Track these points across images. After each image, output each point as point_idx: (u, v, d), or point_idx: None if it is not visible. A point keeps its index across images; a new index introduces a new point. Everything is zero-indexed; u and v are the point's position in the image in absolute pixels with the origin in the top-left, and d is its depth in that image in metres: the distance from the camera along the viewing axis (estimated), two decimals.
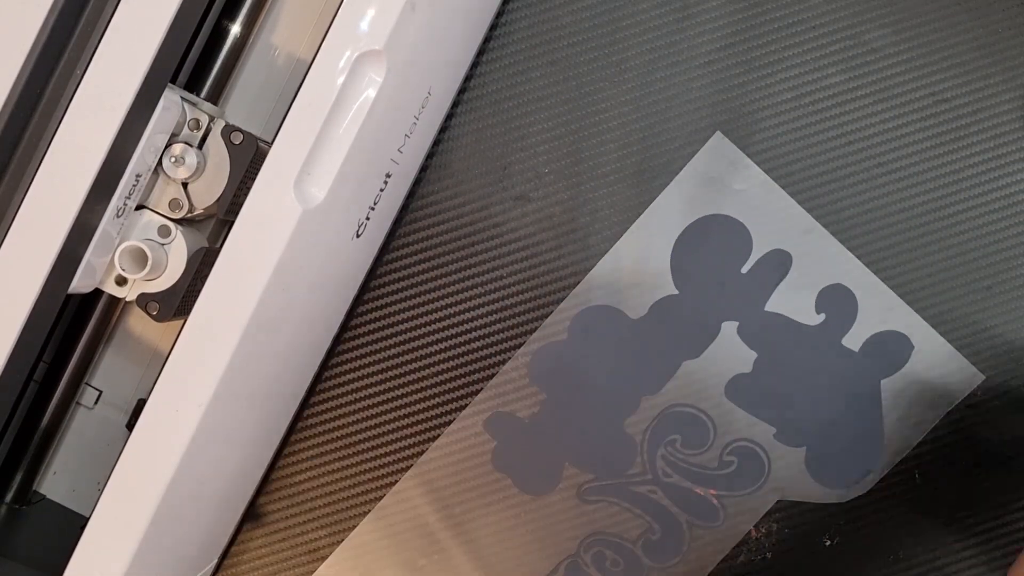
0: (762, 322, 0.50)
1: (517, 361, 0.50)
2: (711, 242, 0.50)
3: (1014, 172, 0.50)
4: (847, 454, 0.50)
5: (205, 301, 0.36)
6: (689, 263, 0.50)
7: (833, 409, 0.50)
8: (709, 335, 0.50)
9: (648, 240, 0.50)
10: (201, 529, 0.44)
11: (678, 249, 0.50)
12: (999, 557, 0.50)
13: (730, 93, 0.50)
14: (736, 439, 0.50)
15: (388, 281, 0.51)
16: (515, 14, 0.51)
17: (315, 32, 0.46)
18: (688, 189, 0.50)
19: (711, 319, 0.50)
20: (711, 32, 0.50)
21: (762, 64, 0.50)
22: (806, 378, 0.50)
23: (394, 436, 0.51)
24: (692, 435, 0.50)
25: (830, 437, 0.50)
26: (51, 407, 0.46)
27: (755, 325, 0.50)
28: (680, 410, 0.50)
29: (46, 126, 0.33)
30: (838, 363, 0.50)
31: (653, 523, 0.51)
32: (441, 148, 0.51)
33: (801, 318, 0.50)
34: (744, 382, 0.50)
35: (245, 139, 0.38)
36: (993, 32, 0.50)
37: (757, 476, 0.50)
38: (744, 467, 0.50)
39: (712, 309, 0.50)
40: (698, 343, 0.50)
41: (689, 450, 0.50)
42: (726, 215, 0.50)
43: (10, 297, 0.33)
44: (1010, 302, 0.50)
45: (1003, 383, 0.50)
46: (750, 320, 0.50)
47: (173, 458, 0.36)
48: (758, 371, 0.50)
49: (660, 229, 0.50)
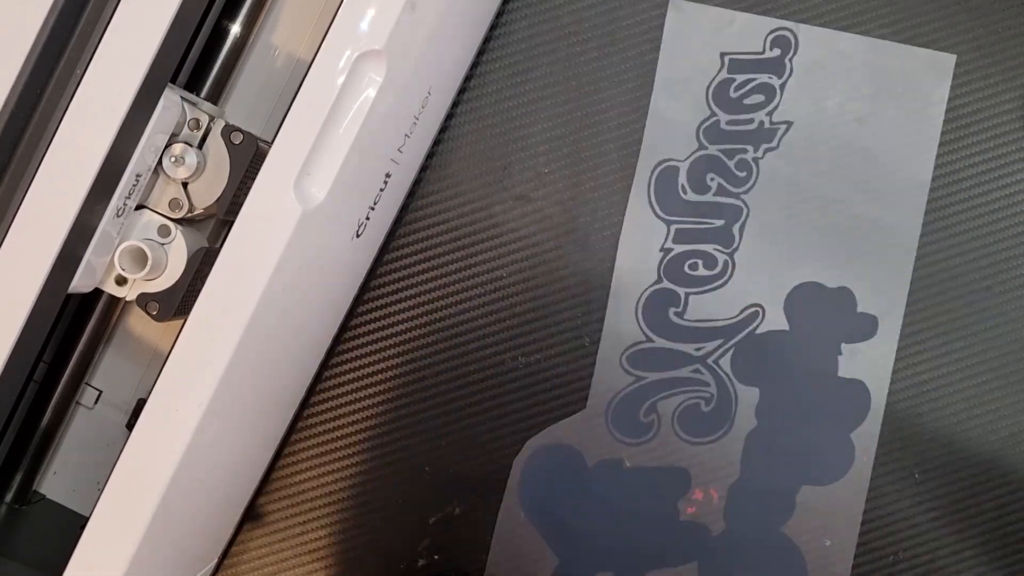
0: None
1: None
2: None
3: (1014, 172, 0.50)
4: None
5: (205, 301, 0.36)
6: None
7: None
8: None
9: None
10: (201, 529, 0.44)
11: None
12: (999, 557, 0.50)
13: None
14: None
15: (388, 281, 0.51)
16: (515, 14, 0.51)
17: (315, 32, 0.46)
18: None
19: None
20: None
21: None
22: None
23: (394, 436, 0.51)
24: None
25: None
26: (51, 407, 0.46)
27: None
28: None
29: (46, 126, 0.33)
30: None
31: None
32: (441, 148, 0.51)
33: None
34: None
35: (245, 139, 0.38)
36: (993, 32, 0.50)
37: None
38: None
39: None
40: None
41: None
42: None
43: (10, 297, 0.33)
44: (1010, 302, 0.50)
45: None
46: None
47: (173, 458, 0.36)
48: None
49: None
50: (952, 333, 0.50)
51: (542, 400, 0.51)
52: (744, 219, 0.50)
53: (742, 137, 0.50)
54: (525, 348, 0.51)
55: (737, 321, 0.50)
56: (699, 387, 0.50)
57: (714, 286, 0.50)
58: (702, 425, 0.50)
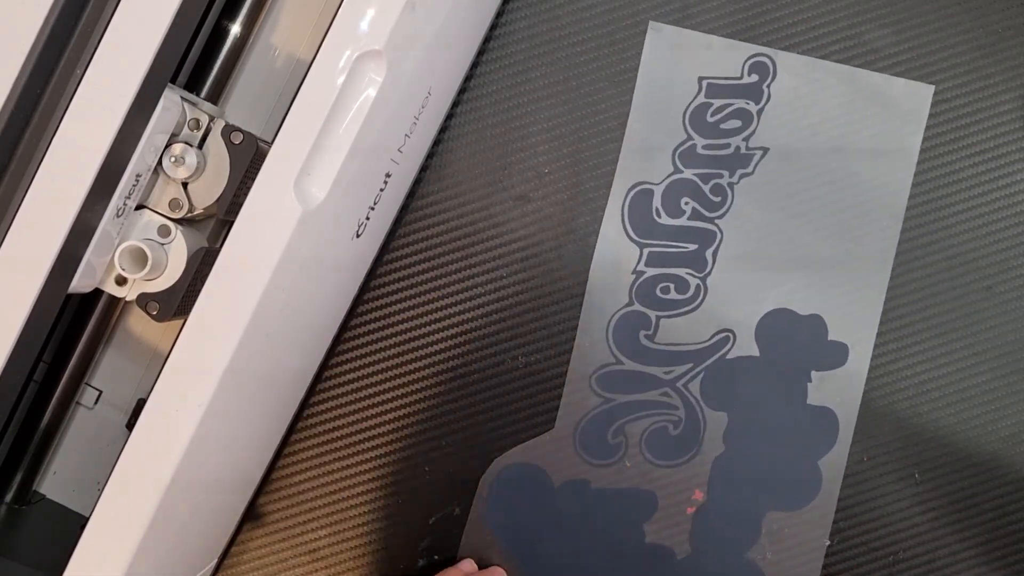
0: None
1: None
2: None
3: (1014, 172, 0.50)
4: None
5: (205, 301, 0.36)
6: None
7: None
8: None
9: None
10: (201, 529, 0.44)
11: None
12: (999, 557, 0.50)
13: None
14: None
15: (388, 281, 0.51)
16: (515, 14, 0.51)
17: (315, 32, 0.46)
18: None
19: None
20: (711, 32, 0.50)
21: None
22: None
23: (394, 436, 0.51)
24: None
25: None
26: (51, 407, 0.46)
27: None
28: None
29: (46, 126, 0.33)
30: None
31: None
32: (441, 148, 0.51)
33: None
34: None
35: (245, 139, 0.38)
36: (993, 32, 0.50)
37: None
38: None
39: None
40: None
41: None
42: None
43: (10, 297, 0.33)
44: (1010, 302, 0.50)
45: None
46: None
47: (173, 458, 0.36)
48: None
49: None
50: (952, 333, 0.50)
51: (541, 400, 0.51)
52: (718, 244, 0.50)
53: (718, 162, 0.50)
54: (525, 348, 0.51)
55: (707, 346, 0.50)
56: (667, 410, 0.50)
57: (685, 310, 0.50)
58: (670, 448, 0.50)
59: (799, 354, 0.50)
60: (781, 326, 0.50)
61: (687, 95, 0.50)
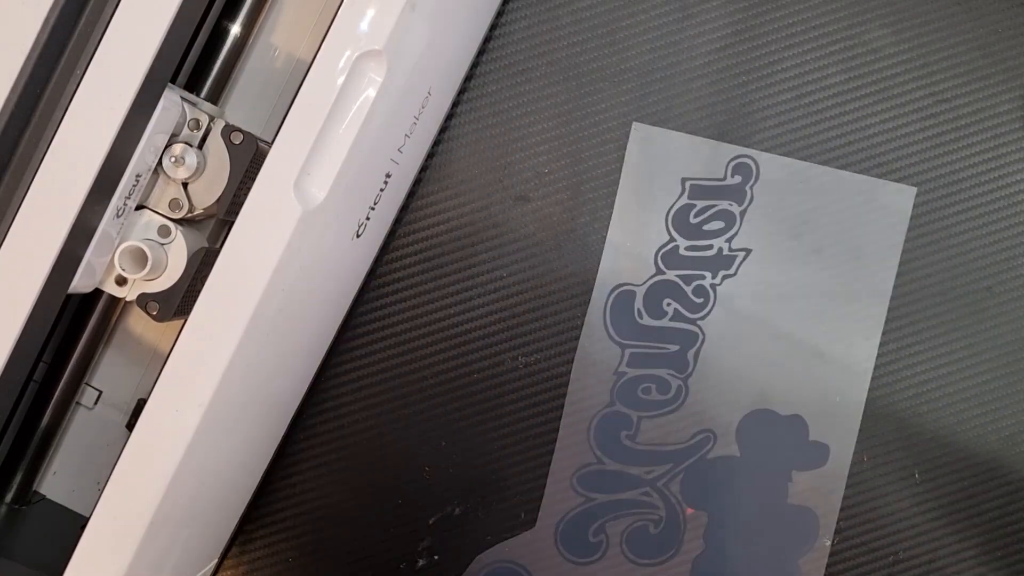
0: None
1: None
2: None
3: (1014, 172, 0.50)
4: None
5: (205, 301, 0.36)
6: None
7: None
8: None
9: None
10: (201, 529, 0.44)
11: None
12: (999, 557, 0.50)
13: (730, 93, 0.50)
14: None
15: (388, 281, 0.51)
16: (515, 14, 0.51)
17: (315, 32, 0.46)
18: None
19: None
20: (711, 32, 0.50)
21: (762, 64, 0.50)
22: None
23: (394, 436, 0.51)
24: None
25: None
26: (51, 407, 0.46)
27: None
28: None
29: (46, 126, 0.33)
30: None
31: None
32: (441, 148, 0.51)
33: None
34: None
35: (245, 139, 0.38)
36: (993, 32, 0.50)
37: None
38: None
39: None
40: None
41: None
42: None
43: (10, 297, 0.33)
44: (1010, 303, 0.50)
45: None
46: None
47: (173, 458, 0.36)
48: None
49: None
50: (953, 333, 0.50)
51: (541, 401, 0.51)
52: (699, 345, 0.50)
53: (700, 263, 0.50)
54: (525, 348, 0.51)
55: (688, 446, 0.50)
56: (648, 509, 0.50)
57: (666, 411, 0.50)
58: (650, 547, 0.50)
59: (779, 454, 0.50)
60: (762, 426, 0.50)
61: (670, 196, 0.50)
